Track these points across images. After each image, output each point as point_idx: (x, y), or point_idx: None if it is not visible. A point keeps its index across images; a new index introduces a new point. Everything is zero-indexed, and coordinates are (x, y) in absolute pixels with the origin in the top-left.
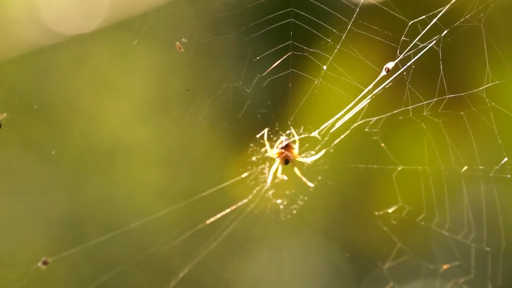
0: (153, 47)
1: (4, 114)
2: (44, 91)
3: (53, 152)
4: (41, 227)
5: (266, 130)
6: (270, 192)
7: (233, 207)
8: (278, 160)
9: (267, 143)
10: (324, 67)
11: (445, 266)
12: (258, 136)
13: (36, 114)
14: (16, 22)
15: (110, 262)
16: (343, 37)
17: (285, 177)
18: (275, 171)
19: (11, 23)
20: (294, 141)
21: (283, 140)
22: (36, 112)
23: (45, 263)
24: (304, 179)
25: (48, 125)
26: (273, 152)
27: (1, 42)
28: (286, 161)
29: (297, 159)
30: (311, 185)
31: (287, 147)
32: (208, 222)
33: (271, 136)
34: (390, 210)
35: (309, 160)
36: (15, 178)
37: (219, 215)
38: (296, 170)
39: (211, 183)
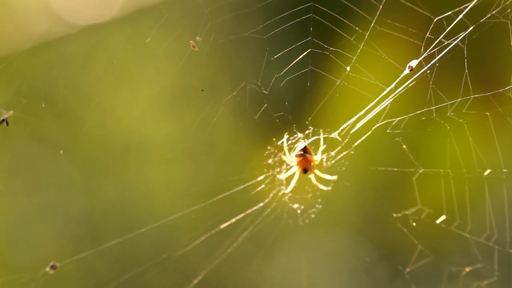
0: (167, 44)
1: (11, 112)
2: (57, 84)
3: (61, 152)
4: (57, 226)
5: (285, 137)
6: (287, 196)
7: (248, 211)
8: (296, 168)
9: (286, 149)
10: (348, 68)
11: (468, 269)
12: (279, 142)
13: (49, 109)
14: (29, 13)
15: (128, 263)
16: (366, 36)
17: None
18: (290, 176)
19: (24, 13)
20: (312, 147)
21: (301, 145)
22: (50, 106)
23: (53, 267)
24: (320, 186)
25: (62, 120)
26: (291, 159)
27: (13, 33)
28: (304, 170)
29: (316, 172)
30: (326, 188)
31: (306, 153)
32: (222, 226)
33: (288, 137)
34: (408, 212)
35: (327, 176)
36: (30, 176)
37: (233, 220)
38: (312, 178)
39: (227, 186)
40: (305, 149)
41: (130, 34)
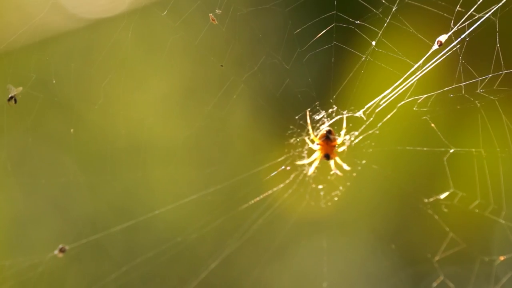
0: (183, 23)
1: (20, 88)
2: (61, 80)
3: (72, 131)
4: (60, 227)
5: (308, 114)
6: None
7: (268, 192)
8: (318, 154)
9: (310, 128)
10: (373, 43)
11: (502, 258)
12: (297, 117)
13: (53, 105)
14: (35, 5)
15: (133, 259)
16: (393, 9)
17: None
18: (312, 162)
19: (30, 6)
20: (335, 127)
21: (325, 129)
22: (53, 103)
23: (62, 250)
24: (339, 173)
25: (69, 118)
26: (314, 145)
27: (18, 26)
28: (327, 156)
29: (336, 159)
30: (348, 168)
31: (329, 139)
32: (242, 207)
33: (311, 115)
34: (441, 197)
35: (344, 166)
36: (36, 174)
37: (252, 201)
38: (331, 163)
39: (247, 166)
40: (329, 136)
41: (140, 29)
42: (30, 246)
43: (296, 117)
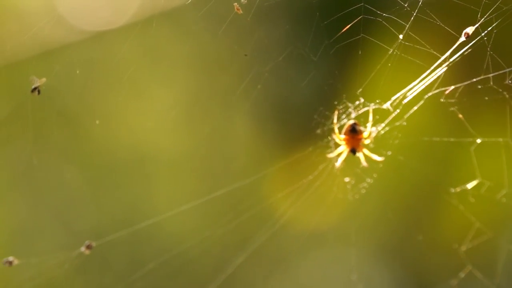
0: (186, 33)
1: (44, 79)
2: (65, 93)
3: (97, 122)
4: (63, 239)
5: (336, 113)
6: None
7: (296, 185)
8: (344, 147)
9: (336, 127)
10: (400, 36)
11: None
12: (334, 123)
13: (57, 117)
14: (35, 16)
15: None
16: (420, 3)
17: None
18: (339, 155)
19: (30, 17)
20: (362, 119)
21: (351, 123)
22: (57, 115)
23: (89, 247)
24: (365, 164)
25: (73, 129)
26: (340, 137)
27: (18, 38)
28: (353, 150)
29: (365, 151)
30: (379, 159)
31: (355, 132)
32: (269, 202)
33: (338, 107)
34: (468, 186)
35: (374, 156)
36: (39, 185)
37: (279, 195)
38: (360, 155)
39: (272, 160)
40: (354, 128)
41: (143, 40)
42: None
43: (321, 108)
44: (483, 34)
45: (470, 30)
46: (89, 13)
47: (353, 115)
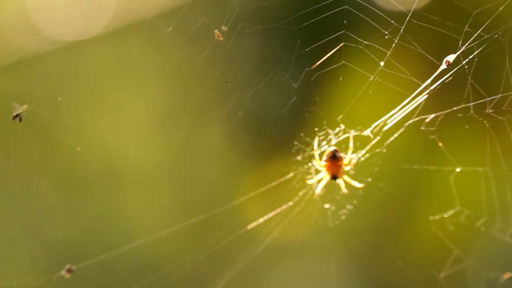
0: (159, 45)
1: (25, 106)
2: (36, 103)
3: (78, 149)
4: (36, 251)
5: (316, 139)
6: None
7: (277, 210)
8: (325, 174)
9: (316, 152)
10: (381, 63)
11: (507, 275)
12: (315, 149)
13: (26, 129)
14: (8, 27)
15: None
16: (401, 30)
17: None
18: (319, 181)
19: (5, 28)
20: (343, 145)
21: (331, 150)
22: (27, 126)
23: (69, 271)
24: (345, 191)
25: (44, 140)
26: (320, 164)
27: None
28: (334, 176)
29: (345, 178)
30: (359, 185)
31: (335, 158)
32: (249, 227)
33: (318, 133)
34: (446, 215)
35: (355, 183)
36: (11, 198)
37: (261, 220)
38: (341, 182)
39: (250, 185)
40: (335, 155)
41: (116, 51)
42: (4, 270)
43: (302, 134)
44: (464, 62)
45: (451, 58)
46: (60, 23)
47: (333, 141)
